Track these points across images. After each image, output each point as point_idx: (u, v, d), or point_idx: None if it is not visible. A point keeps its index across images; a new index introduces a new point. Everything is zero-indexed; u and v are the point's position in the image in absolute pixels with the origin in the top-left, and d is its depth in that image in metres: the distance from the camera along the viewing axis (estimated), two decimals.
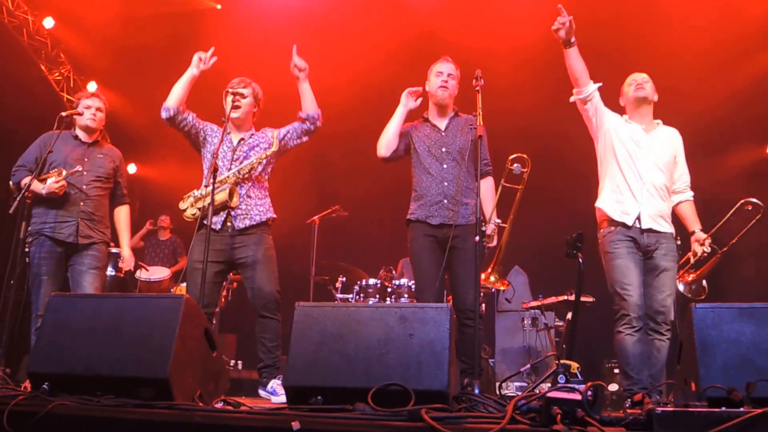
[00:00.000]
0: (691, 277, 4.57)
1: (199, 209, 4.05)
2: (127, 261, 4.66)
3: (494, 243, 4.14)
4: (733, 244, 4.52)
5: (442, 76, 4.23)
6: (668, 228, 3.92)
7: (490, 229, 4.08)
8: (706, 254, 4.00)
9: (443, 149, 4.18)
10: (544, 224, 7.32)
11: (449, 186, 4.10)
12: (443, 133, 4.24)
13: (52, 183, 4.23)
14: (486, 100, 4.07)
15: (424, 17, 7.57)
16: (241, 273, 4.09)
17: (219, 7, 7.96)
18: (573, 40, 3.91)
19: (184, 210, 4.14)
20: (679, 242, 3.97)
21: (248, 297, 4.03)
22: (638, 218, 3.84)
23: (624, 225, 3.86)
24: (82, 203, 4.37)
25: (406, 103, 4.19)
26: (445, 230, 4.00)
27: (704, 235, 4.00)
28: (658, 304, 3.79)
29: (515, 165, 4.19)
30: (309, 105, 4.25)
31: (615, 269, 3.81)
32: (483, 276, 4.12)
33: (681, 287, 4.40)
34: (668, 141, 4.04)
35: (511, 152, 4.36)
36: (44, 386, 2.55)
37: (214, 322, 6.28)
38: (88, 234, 4.38)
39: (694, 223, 4.04)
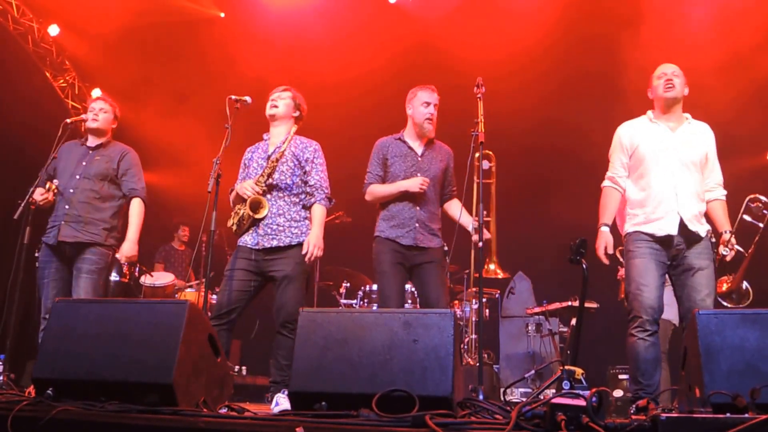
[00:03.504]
0: (725, 286, 4.36)
1: (236, 223, 4.06)
2: (123, 251, 4.39)
3: (487, 236, 4.20)
4: (757, 243, 4.27)
5: (429, 107, 4.26)
6: (702, 228, 3.69)
7: (472, 225, 4.10)
8: (727, 257, 3.71)
9: (418, 174, 4.24)
10: (548, 229, 7.33)
11: (421, 211, 4.21)
12: (419, 159, 4.31)
13: (36, 196, 4.33)
14: (489, 104, 4.08)
15: (425, 26, 7.61)
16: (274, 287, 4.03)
17: (222, 15, 8.00)
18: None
19: (231, 225, 4.12)
20: (713, 240, 3.72)
21: (273, 311, 3.97)
22: (673, 225, 3.63)
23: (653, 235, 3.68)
24: (67, 206, 4.34)
25: (410, 186, 4.15)
26: (413, 251, 4.17)
27: (728, 236, 3.70)
28: (696, 305, 3.49)
29: (484, 161, 4.26)
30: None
31: (633, 268, 3.64)
32: (485, 267, 4.26)
33: (721, 301, 4.19)
34: (697, 138, 3.80)
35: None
36: (48, 392, 2.56)
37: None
38: (72, 234, 4.30)
39: (723, 224, 3.78)
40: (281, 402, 3.71)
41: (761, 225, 4.25)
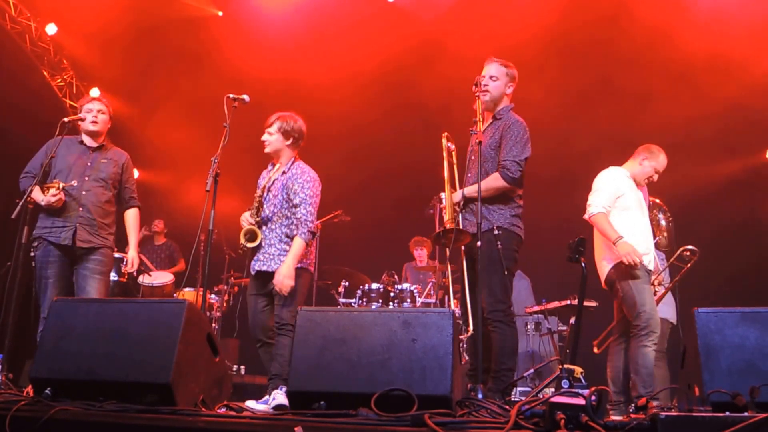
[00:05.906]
0: None
1: (240, 248, 4.23)
2: (131, 263, 4.64)
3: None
4: (676, 282, 5.31)
5: (484, 79, 4.11)
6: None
7: (457, 197, 4.07)
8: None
9: (472, 157, 4.12)
10: (547, 228, 7.31)
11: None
12: (476, 141, 4.09)
13: (49, 197, 4.30)
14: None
15: (425, 25, 7.59)
16: None
17: (221, 14, 7.99)
18: None
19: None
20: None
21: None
22: (653, 260, 4.39)
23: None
24: (81, 209, 4.37)
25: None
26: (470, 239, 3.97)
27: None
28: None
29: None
30: None
31: (646, 292, 4.23)
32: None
33: None
34: (645, 197, 4.60)
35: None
36: (47, 391, 2.55)
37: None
38: (87, 239, 4.36)
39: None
40: (278, 398, 3.73)
41: (686, 266, 5.20)
